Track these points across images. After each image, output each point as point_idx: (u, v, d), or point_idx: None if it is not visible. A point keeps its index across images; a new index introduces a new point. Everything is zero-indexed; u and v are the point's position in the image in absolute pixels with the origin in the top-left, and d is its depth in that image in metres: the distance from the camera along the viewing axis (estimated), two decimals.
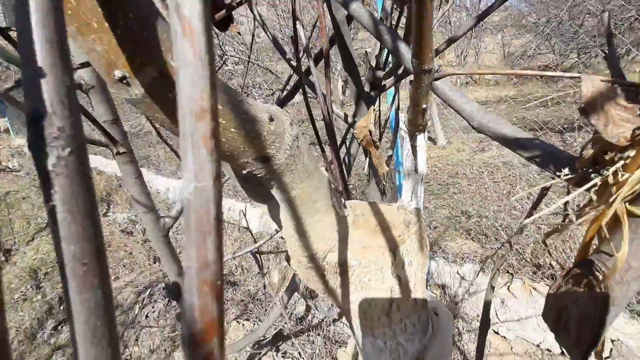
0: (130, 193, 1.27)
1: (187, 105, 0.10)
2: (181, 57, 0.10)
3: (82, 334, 0.17)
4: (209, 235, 0.11)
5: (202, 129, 0.10)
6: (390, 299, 0.42)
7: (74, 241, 0.16)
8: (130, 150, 1.22)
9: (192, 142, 0.10)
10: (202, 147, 0.10)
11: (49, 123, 0.14)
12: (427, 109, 0.36)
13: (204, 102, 0.10)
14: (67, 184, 0.15)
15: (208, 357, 0.12)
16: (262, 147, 0.30)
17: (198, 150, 0.10)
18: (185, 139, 0.10)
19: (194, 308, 0.11)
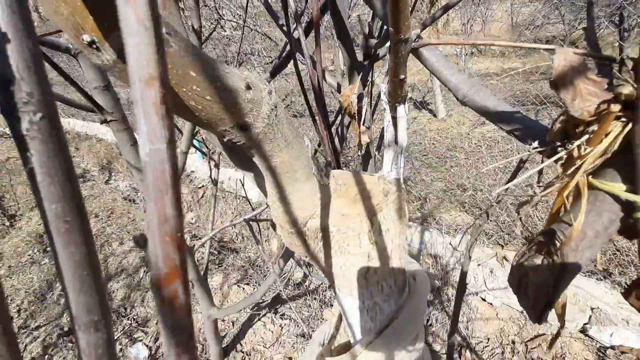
0: (127, 160, 1.28)
1: (136, 73, 0.11)
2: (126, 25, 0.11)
3: (71, 284, 0.19)
4: (165, 193, 0.12)
5: (151, 95, 0.11)
6: (368, 263, 0.44)
7: (55, 200, 0.17)
8: (124, 117, 1.21)
9: (143, 109, 0.11)
10: (153, 113, 0.11)
11: (18, 88, 0.15)
12: (405, 79, 0.36)
13: (152, 69, 0.11)
14: (42, 147, 0.16)
15: (173, 297, 0.14)
16: (239, 116, 0.31)
17: (149, 116, 0.11)
18: (137, 105, 0.11)
19: (158, 256, 0.13)
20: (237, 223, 1.52)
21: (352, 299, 0.48)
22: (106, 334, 0.21)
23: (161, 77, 0.11)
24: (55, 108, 0.17)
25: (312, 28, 0.77)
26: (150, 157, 0.11)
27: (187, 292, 0.14)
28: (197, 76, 0.27)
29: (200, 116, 0.30)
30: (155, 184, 0.12)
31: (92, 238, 0.19)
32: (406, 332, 0.49)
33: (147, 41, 0.11)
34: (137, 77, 0.11)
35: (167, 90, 0.11)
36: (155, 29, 0.11)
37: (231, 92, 0.30)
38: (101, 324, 0.20)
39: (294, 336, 2.03)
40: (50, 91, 0.16)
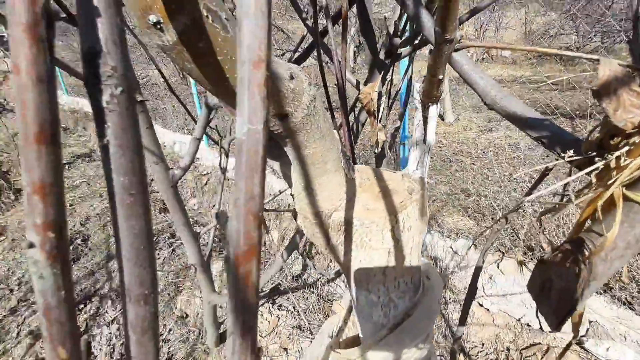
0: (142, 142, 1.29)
1: (247, 54, 0.11)
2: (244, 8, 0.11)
3: (127, 255, 0.20)
4: (256, 173, 0.12)
5: (257, 77, 0.11)
6: (388, 259, 0.45)
7: (123, 173, 0.18)
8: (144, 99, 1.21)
9: (248, 89, 0.11)
10: (257, 93, 0.11)
11: (104, 62, 0.15)
12: (443, 80, 0.36)
13: (262, 52, 0.11)
14: (118, 121, 0.16)
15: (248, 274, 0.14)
16: (281, 104, 0.31)
17: (253, 96, 0.11)
18: (243, 84, 0.11)
19: (240, 233, 0.13)
20: None
21: (367, 294, 0.49)
22: (153, 308, 0.21)
23: (268, 59, 0.11)
24: (133, 84, 0.17)
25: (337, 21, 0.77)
26: (247, 136, 0.12)
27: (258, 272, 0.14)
28: None
29: None
30: (249, 162, 0.12)
31: (151, 214, 0.20)
32: (419, 330, 0.49)
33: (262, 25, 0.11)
34: (247, 57, 0.11)
35: (270, 74, 0.12)
36: (269, 13, 0.11)
37: (277, 81, 0.30)
38: (150, 297, 0.21)
39: (290, 327, 2.05)
40: (131, 67, 0.17)
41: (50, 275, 0.16)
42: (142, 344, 0.22)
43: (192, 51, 0.25)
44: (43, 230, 0.15)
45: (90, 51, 0.15)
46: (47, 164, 0.14)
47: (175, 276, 2.47)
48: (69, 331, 0.17)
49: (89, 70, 0.15)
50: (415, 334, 0.49)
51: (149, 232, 0.20)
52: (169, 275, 2.47)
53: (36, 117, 0.13)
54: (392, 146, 1.20)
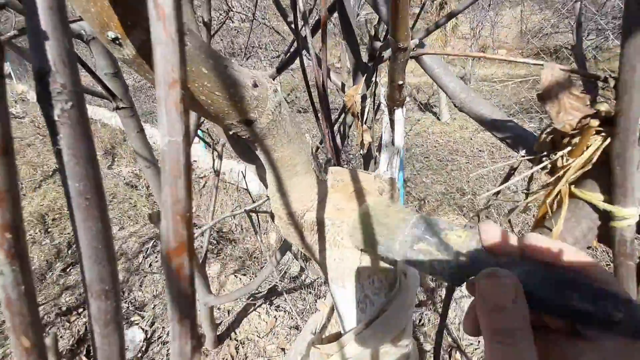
0: (133, 147, 1.31)
1: (161, 76, 0.13)
2: (156, 37, 0.13)
3: (87, 254, 0.22)
4: (179, 178, 0.14)
5: (173, 95, 0.13)
6: (361, 257, 0.47)
7: (78, 179, 0.20)
8: (132, 104, 1.23)
9: (166, 106, 0.13)
10: (174, 109, 0.13)
11: (53, 80, 0.17)
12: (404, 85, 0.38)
13: (175, 74, 0.13)
14: (70, 132, 0.18)
15: (180, 268, 0.16)
16: (245, 111, 0.33)
17: (170, 112, 0.13)
18: (160, 103, 0.13)
19: (169, 231, 0.15)
20: (238, 214, 1.55)
21: (344, 291, 0.51)
22: (115, 302, 0.23)
23: (182, 80, 0.13)
24: (83, 98, 0.19)
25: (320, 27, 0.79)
26: (168, 147, 0.13)
27: (191, 265, 0.16)
28: (208, 73, 0.29)
29: (209, 110, 0.32)
30: (172, 170, 0.14)
31: (108, 215, 0.22)
32: (394, 324, 0.51)
33: (173, 51, 0.13)
34: (163, 80, 0.13)
35: (185, 92, 0.13)
36: (180, 41, 0.13)
37: (239, 89, 0.32)
38: (111, 292, 0.22)
39: (288, 328, 2.07)
40: (80, 83, 0.19)
41: (9, 271, 0.17)
42: (105, 336, 0.23)
43: (151, 64, 0.26)
44: (1, 231, 0.17)
45: (40, 71, 0.17)
46: (1, 173, 0.16)
47: None
48: (30, 322, 0.19)
49: (40, 88, 0.17)
50: (391, 328, 0.51)
51: (106, 232, 0.21)
52: None
53: None
54: (380, 147, 1.22)
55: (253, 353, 2.00)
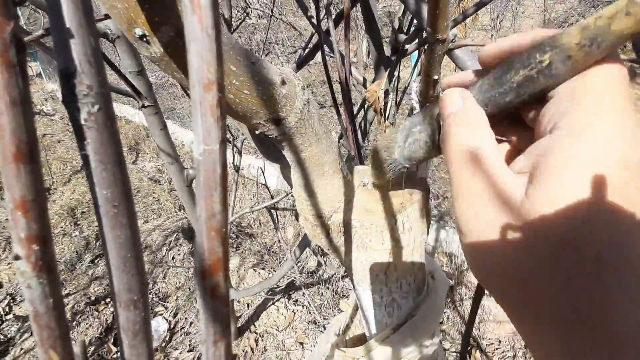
0: (156, 144, 1.32)
1: (196, 77, 0.11)
2: (190, 33, 0.11)
3: (115, 264, 0.21)
4: (215, 191, 0.13)
5: (209, 99, 0.11)
6: (389, 260, 0.45)
7: (106, 186, 0.19)
8: (156, 102, 1.25)
9: (201, 110, 0.12)
10: (209, 115, 0.12)
11: (79, 81, 0.16)
12: (439, 79, 0.35)
13: (211, 75, 0.11)
14: (97, 136, 0.17)
15: (215, 287, 0.15)
16: (273, 110, 0.32)
17: (206, 118, 0.12)
18: (195, 107, 0.12)
19: (204, 248, 0.14)
20: (257, 210, 1.55)
21: (370, 294, 0.49)
22: (143, 312, 0.22)
23: (219, 81, 0.12)
24: (110, 100, 0.18)
25: (342, 20, 0.77)
26: (203, 156, 0.12)
27: (227, 284, 0.14)
28: (237, 70, 0.28)
29: (237, 109, 0.31)
30: (207, 182, 0.12)
31: (137, 222, 0.21)
32: (423, 329, 0.49)
33: (209, 48, 0.11)
34: (197, 81, 0.11)
35: (222, 94, 0.12)
36: (217, 37, 0.11)
37: (267, 87, 0.30)
38: (140, 302, 0.22)
39: (306, 322, 2.08)
40: (107, 84, 0.17)
41: (37, 284, 0.17)
42: (134, 346, 0.23)
43: (178, 62, 0.25)
44: (27, 243, 0.16)
45: (65, 71, 0.16)
46: (27, 181, 0.15)
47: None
48: (59, 336, 0.18)
49: (65, 90, 0.16)
50: (420, 334, 0.49)
51: (135, 241, 0.20)
52: (189, 270, 2.53)
53: (12, 139, 0.13)
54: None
55: (272, 346, 2.02)
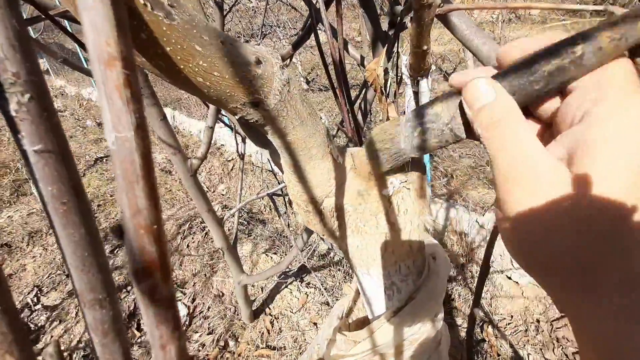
0: (157, 135, 1.32)
1: (94, 53, 0.10)
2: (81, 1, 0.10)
3: (73, 263, 0.20)
4: (136, 184, 0.11)
5: (113, 77, 0.10)
6: (385, 243, 0.43)
7: (50, 182, 0.17)
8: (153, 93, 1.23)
9: (105, 92, 0.10)
10: (117, 97, 0.10)
11: (3, 68, 0.14)
12: (429, 50, 0.33)
13: (111, 48, 0.10)
14: (32, 129, 0.16)
15: (153, 289, 0.13)
16: (249, 92, 0.30)
17: (112, 100, 0.10)
18: (99, 88, 0.10)
19: (134, 249, 0.12)
20: (262, 196, 1.55)
21: (369, 278, 0.48)
22: (112, 311, 0.21)
23: (123, 56, 0.10)
24: (45, 88, 0.16)
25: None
26: (116, 145, 0.11)
27: (168, 285, 0.13)
28: (203, 50, 0.26)
29: (209, 93, 0.29)
30: (125, 174, 0.11)
31: (92, 218, 0.19)
32: (423, 311, 0.48)
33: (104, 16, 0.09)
34: (95, 57, 0.10)
35: (132, 71, 0.10)
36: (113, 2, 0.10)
37: (240, 68, 0.28)
38: (106, 301, 0.21)
39: (319, 304, 2.10)
40: (39, 71, 0.16)
41: None
42: (105, 345, 0.22)
43: (136, 44, 0.23)
44: None
45: None
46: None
47: (210, 258, 2.58)
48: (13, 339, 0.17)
49: None
50: (420, 316, 0.48)
51: (93, 237, 0.19)
52: (204, 257, 2.58)
53: None
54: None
55: (287, 327, 2.06)
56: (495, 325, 1.77)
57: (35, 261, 2.61)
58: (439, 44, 3.32)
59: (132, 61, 0.10)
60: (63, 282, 2.41)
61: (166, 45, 0.24)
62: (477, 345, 1.67)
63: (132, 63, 0.10)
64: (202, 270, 2.48)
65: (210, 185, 3.42)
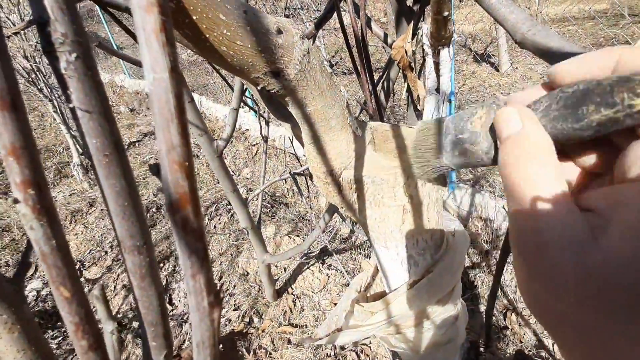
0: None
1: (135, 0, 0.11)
2: None
3: (114, 211, 0.22)
4: (171, 122, 0.13)
5: (151, 22, 0.11)
6: (403, 216, 0.44)
7: (95, 135, 0.19)
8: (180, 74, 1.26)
9: (144, 36, 0.11)
10: (154, 40, 0.11)
11: (54, 29, 0.16)
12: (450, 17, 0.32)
13: None
14: (79, 86, 0.18)
15: (185, 220, 0.15)
16: (271, 61, 0.31)
17: (150, 43, 0.11)
18: (139, 33, 0.11)
19: (168, 182, 0.14)
20: (285, 178, 1.58)
21: (386, 251, 0.49)
22: (148, 257, 0.23)
23: (160, 3, 0.11)
24: (90, 50, 0.18)
25: None
26: (154, 86, 0.12)
27: (198, 218, 0.15)
28: (226, 19, 0.27)
29: (232, 62, 0.30)
30: (161, 112, 0.12)
31: (131, 172, 0.22)
32: (440, 286, 0.49)
33: None
34: (135, 3, 0.11)
35: (168, 18, 0.12)
36: None
37: (262, 37, 0.30)
38: (143, 248, 0.23)
39: (340, 285, 2.14)
40: (84, 32, 0.18)
41: (38, 226, 0.18)
42: (143, 288, 0.24)
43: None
44: (23, 187, 0.17)
45: (40, 20, 0.16)
46: (14, 128, 0.16)
47: (235, 238, 2.67)
48: (67, 274, 0.20)
49: (43, 39, 0.17)
50: (437, 290, 0.49)
51: (132, 190, 0.21)
52: (230, 237, 2.67)
53: None
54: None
55: (309, 307, 2.12)
56: (519, 313, 1.74)
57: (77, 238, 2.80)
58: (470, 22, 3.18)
59: (167, 9, 0.12)
60: (102, 258, 2.58)
61: (193, 14, 0.25)
62: (500, 332, 1.66)
63: (167, 10, 0.12)
64: (228, 250, 2.58)
65: (236, 169, 3.50)
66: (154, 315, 0.25)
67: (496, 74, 3.43)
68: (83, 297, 0.21)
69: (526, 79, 3.24)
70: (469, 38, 3.92)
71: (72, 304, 0.20)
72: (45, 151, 3.97)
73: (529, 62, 3.34)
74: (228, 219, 2.89)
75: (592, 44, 3.22)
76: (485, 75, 3.42)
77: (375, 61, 4.14)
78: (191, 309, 0.17)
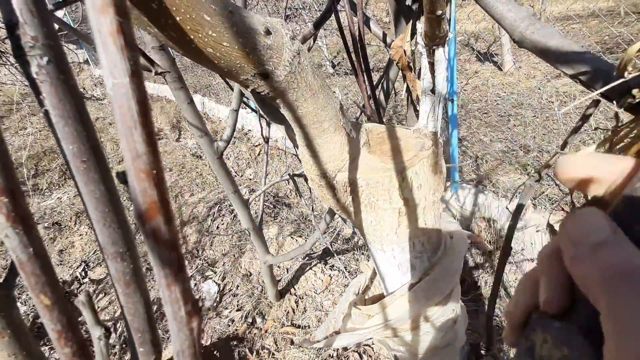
0: (185, 117, 1.37)
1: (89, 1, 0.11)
2: None
3: (95, 218, 0.22)
4: (134, 129, 0.12)
5: (106, 23, 0.11)
6: (398, 219, 0.43)
7: (70, 141, 0.19)
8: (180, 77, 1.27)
9: (100, 39, 0.11)
10: (111, 43, 0.11)
11: (23, 32, 0.16)
12: (443, 15, 0.32)
13: None
14: (52, 90, 0.17)
15: (156, 231, 0.15)
16: (259, 63, 0.30)
17: (107, 47, 0.11)
18: (95, 36, 0.11)
19: (136, 192, 0.14)
20: (284, 180, 1.57)
21: (383, 254, 0.48)
22: (132, 264, 0.23)
23: (115, 3, 0.11)
24: (62, 52, 0.18)
25: None
26: (114, 91, 0.11)
27: (171, 227, 0.14)
28: (212, 20, 0.27)
29: (220, 64, 0.30)
30: (123, 120, 0.12)
31: (111, 177, 0.21)
32: (438, 289, 0.48)
33: None
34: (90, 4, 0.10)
35: (125, 20, 0.11)
36: None
37: (249, 38, 0.29)
38: (126, 254, 0.22)
39: (342, 286, 2.14)
40: (56, 35, 0.17)
41: (14, 234, 0.18)
42: (128, 295, 0.24)
43: (147, 14, 0.24)
44: None
45: (9, 23, 0.16)
46: None
47: (238, 239, 2.67)
48: (46, 282, 0.19)
49: (13, 43, 0.16)
50: (434, 293, 0.48)
51: (112, 194, 0.21)
52: (232, 238, 2.67)
53: None
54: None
55: (311, 307, 2.11)
56: None
57: (82, 239, 2.81)
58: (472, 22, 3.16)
59: (125, 9, 0.11)
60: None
61: (176, 14, 0.25)
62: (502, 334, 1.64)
63: (125, 11, 0.11)
64: (231, 250, 2.58)
65: (238, 170, 3.51)
66: (141, 322, 0.25)
67: (499, 74, 3.40)
68: (64, 304, 0.21)
69: (529, 77, 3.21)
70: (471, 37, 3.89)
71: (53, 311, 0.20)
72: (50, 153, 4.00)
73: (532, 61, 3.31)
74: (231, 219, 2.89)
75: (598, 42, 3.18)
76: (488, 75, 3.39)
77: (377, 61, 4.12)
78: (169, 319, 0.16)
